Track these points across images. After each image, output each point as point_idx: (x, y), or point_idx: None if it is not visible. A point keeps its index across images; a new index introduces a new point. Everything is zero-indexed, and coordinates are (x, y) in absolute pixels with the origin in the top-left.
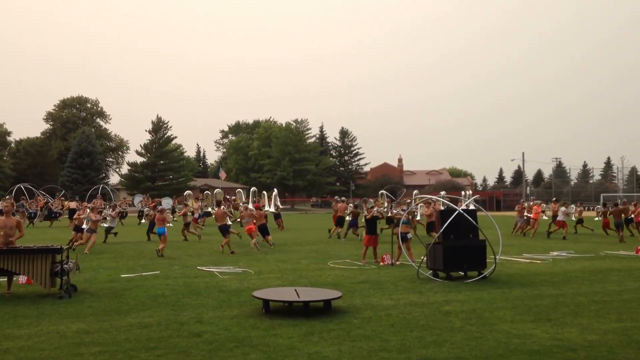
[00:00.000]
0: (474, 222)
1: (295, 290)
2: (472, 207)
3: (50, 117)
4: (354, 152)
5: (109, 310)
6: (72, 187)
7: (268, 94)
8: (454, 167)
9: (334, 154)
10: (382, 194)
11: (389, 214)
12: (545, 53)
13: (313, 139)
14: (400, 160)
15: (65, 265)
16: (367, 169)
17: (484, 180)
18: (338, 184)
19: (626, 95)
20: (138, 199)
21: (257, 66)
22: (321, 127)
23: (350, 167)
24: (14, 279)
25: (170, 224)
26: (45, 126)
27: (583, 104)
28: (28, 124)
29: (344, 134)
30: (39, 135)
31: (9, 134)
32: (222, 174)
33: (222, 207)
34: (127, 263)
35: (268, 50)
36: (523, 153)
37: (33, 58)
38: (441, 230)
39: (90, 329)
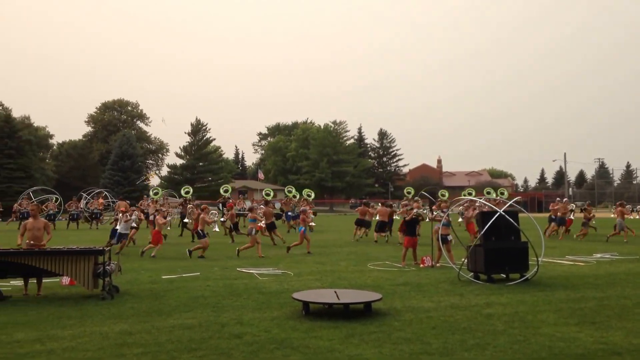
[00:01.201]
0: (515, 224)
1: (335, 292)
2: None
3: (91, 119)
4: (392, 154)
5: (150, 312)
6: (113, 189)
7: (305, 95)
8: (494, 168)
9: (372, 155)
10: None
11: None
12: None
13: (351, 141)
14: (439, 161)
15: (107, 267)
16: (405, 170)
17: (525, 181)
18: (377, 185)
19: None
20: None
21: (293, 68)
22: (359, 129)
23: (388, 168)
24: (42, 280)
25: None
26: (87, 129)
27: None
28: (70, 127)
29: (382, 135)
30: (80, 137)
31: (51, 136)
32: (260, 175)
33: (269, 205)
34: (167, 264)
35: (305, 51)
36: (565, 154)
37: (75, 62)
38: (482, 232)
39: (133, 330)
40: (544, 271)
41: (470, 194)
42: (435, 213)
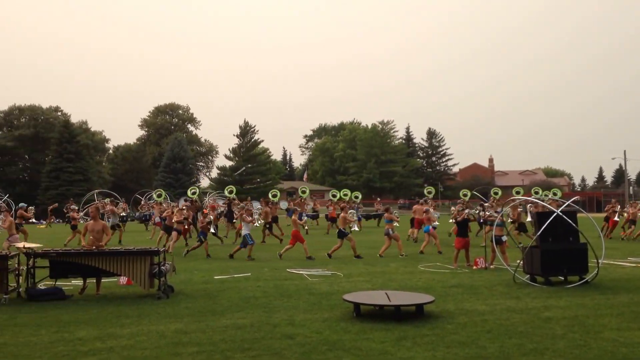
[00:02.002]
0: (573, 224)
1: (386, 293)
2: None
3: (145, 123)
4: (441, 153)
5: (204, 311)
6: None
7: (351, 95)
8: (549, 166)
9: (421, 154)
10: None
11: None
12: None
13: (399, 140)
14: (490, 161)
15: (162, 267)
16: (455, 169)
17: (583, 180)
18: (426, 185)
19: None
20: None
21: (339, 66)
22: (407, 128)
23: (438, 168)
24: (101, 280)
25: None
26: (140, 132)
27: None
28: (125, 131)
29: (431, 134)
30: (134, 141)
31: (107, 141)
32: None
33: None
34: (219, 265)
35: (349, 50)
36: (625, 151)
37: (128, 70)
38: (538, 233)
39: (188, 329)
40: (604, 273)
41: (496, 194)
42: (488, 213)
